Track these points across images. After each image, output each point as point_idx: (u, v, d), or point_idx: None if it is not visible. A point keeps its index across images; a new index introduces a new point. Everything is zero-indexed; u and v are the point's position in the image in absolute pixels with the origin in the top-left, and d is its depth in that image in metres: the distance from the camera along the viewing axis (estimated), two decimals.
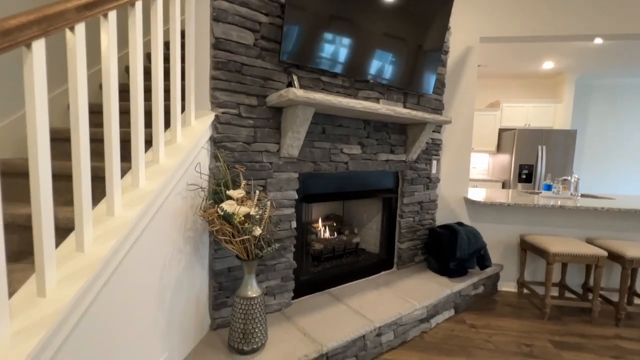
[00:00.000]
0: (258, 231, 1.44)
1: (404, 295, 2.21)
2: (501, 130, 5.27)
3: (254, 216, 1.46)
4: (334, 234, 2.66)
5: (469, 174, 3.02)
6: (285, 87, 1.82)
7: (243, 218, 1.42)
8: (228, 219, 1.41)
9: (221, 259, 1.68)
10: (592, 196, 3.32)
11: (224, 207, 1.40)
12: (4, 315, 0.77)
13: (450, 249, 2.52)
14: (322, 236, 2.58)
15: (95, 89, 2.23)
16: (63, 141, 1.72)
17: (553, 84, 5.41)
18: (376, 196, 2.50)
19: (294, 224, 1.94)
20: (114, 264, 1.04)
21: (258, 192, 1.57)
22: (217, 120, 1.61)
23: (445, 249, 2.55)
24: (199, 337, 1.64)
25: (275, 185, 1.84)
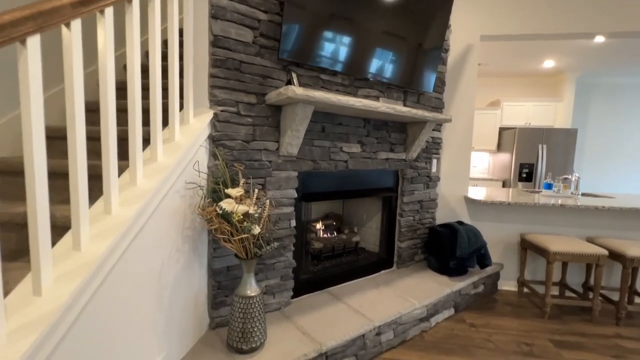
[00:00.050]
0: (257, 230, 1.43)
1: (403, 294, 2.21)
2: (501, 129, 5.26)
3: (252, 215, 1.45)
4: (334, 233, 2.65)
5: (469, 173, 3.01)
6: (284, 85, 1.81)
7: (242, 217, 1.41)
8: (227, 217, 1.40)
9: (220, 257, 1.67)
10: (592, 195, 3.30)
11: (222, 206, 1.39)
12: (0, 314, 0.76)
13: (450, 247, 2.51)
14: (321, 235, 2.58)
15: (94, 87, 2.23)
16: (61, 139, 1.72)
17: (554, 82, 5.39)
18: (376, 195, 2.49)
19: (293, 223, 1.94)
20: (111, 262, 1.03)
21: (257, 190, 1.56)
22: (216, 118, 1.60)
23: (445, 248, 2.54)
24: (198, 336, 1.63)
25: (275, 183, 1.83)
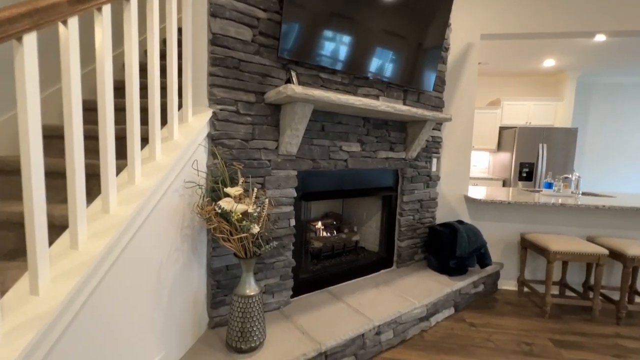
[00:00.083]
0: (256, 229, 1.43)
1: (403, 293, 2.20)
2: (502, 128, 5.25)
3: (251, 214, 1.44)
4: (334, 232, 2.65)
5: (470, 172, 3.00)
6: (283, 83, 1.80)
7: (241, 216, 1.41)
8: (226, 216, 1.40)
9: (219, 257, 1.66)
10: (593, 194, 3.30)
11: (221, 205, 1.39)
12: None
13: (450, 247, 2.51)
14: (321, 234, 2.57)
15: (93, 86, 2.22)
16: (60, 138, 1.71)
17: (554, 81, 5.39)
18: (376, 194, 2.48)
19: (292, 222, 1.93)
20: (109, 261, 1.03)
21: (256, 189, 1.56)
22: (215, 117, 1.59)
23: (445, 247, 2.53)
24: (197, 335, 1.62)
25: (274, 182, 1.83)
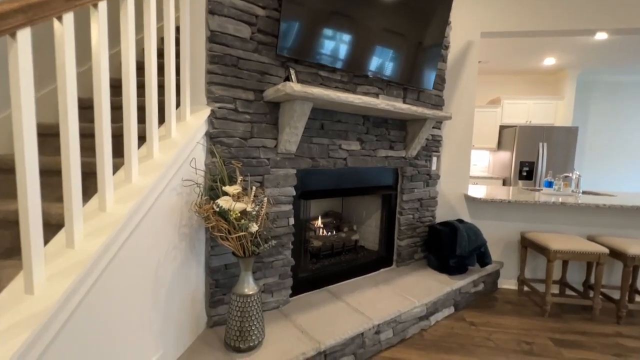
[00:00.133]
0: (254, 228, 1.42)
1: (403, 292, 2.19)
2: (502, 127, 5.24)
3: (250, 212, 1.43)
4: (333, 231, 2.64)
5: (470, 171, 2.99)
6: (282, 81, 1.79)
7: (239, 214, 1.40)
8: (224, 215, 1.39)
9: (218, 255, 1.65)
10: (593, 193, 3.29)
11: (219, 203, 1.38)
12: None
13: (450, 246, 2.50)
14: (320, 233, 2.56)
15: (90, 84, 2.21)
16: (56, 136, 1.70)
17: (554, 80, 5.37)
18: (375, 193, 2.47)
19: (291, 221, 1.92)
20: (106, 260, 1.02)
21: (255, 188, 1.55)
22: (213, 115, 1.58)
23: (445, 246, 2.53)
24: (195, 334, 1.62)
25: (273, 181, 1.82)
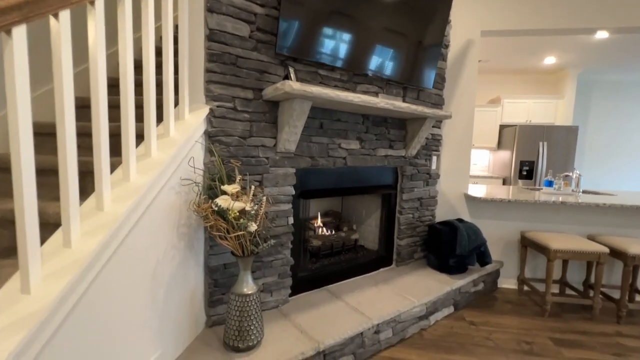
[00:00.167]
0: (253, 227, 1.41)
1: (402, 292, 2.19)
2: (502, 127, 5.23)
3: (249, 212, 1.43)
4: (332, 231, 2.63)
5: (470, 170, 2.98)
6: (281, 80, 1.78)
7: (238, 213, 1.39)
8: (222, 214, 1.38)
9: (217, 255, 1.65)
10: (593, 192, 3.28)
11: (218, 203, 1.37)
12: None
13: (449, 245, 2.49)
14: (320, 232, 2.56)
15: (89, 84, 2.20)
16: (55, 136, 1.69)
17: (555, 79, 5.36)
18: (375, 192, 2.47)
19: (291, 220, 1.92)
20: (103, 259, 1.01)
21: (254, 187, 1.54)
22: (212, 114, 1.58)
23: (445, 246, 2.52)
24: (195, 334, 1.61)
25: (272, 180, 1.81)
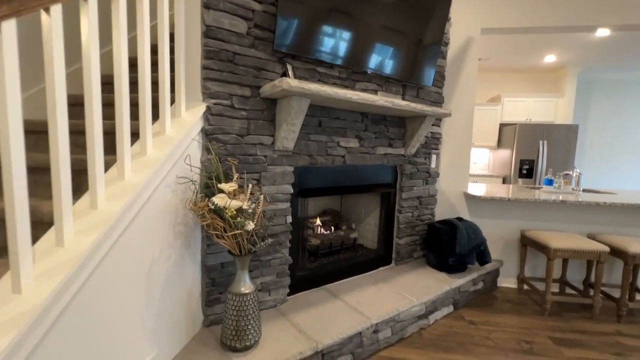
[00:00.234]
0: (250, 226, 1.40)
1: (402, 291, 2.17)
2: (502, 125, 5.21)
3: (246, 210, 1.41)
4: (331, 229, 2.62)
5: (469, 169, 2.97)
6: (279, 77, 1.76)
7: (235, 212, 1.38)
8: (219, 213, 1.37)
9: (214, 254, 1.63)
10: (594, 191, 3.27)
11: (214, 201, 1.35)
12: None
13: (449, 244, 2.48)
14: (318, 231, 2.54)
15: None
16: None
17: (555, 78, 5.34)
18: (374, 191, 2.45)
19: (289, 219, 1.90)
20: (97, 258, 1.00)
21: (251, 185, 1.52)
22: (209, 111, 1.56)
23: (445, 245, 2.51)
24: (192, 333, 1.60)
25: (270, 179, 1.79)
